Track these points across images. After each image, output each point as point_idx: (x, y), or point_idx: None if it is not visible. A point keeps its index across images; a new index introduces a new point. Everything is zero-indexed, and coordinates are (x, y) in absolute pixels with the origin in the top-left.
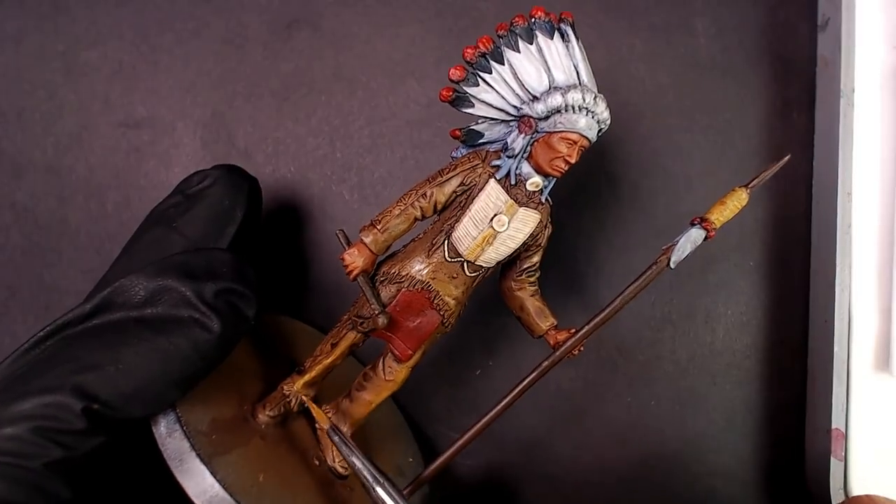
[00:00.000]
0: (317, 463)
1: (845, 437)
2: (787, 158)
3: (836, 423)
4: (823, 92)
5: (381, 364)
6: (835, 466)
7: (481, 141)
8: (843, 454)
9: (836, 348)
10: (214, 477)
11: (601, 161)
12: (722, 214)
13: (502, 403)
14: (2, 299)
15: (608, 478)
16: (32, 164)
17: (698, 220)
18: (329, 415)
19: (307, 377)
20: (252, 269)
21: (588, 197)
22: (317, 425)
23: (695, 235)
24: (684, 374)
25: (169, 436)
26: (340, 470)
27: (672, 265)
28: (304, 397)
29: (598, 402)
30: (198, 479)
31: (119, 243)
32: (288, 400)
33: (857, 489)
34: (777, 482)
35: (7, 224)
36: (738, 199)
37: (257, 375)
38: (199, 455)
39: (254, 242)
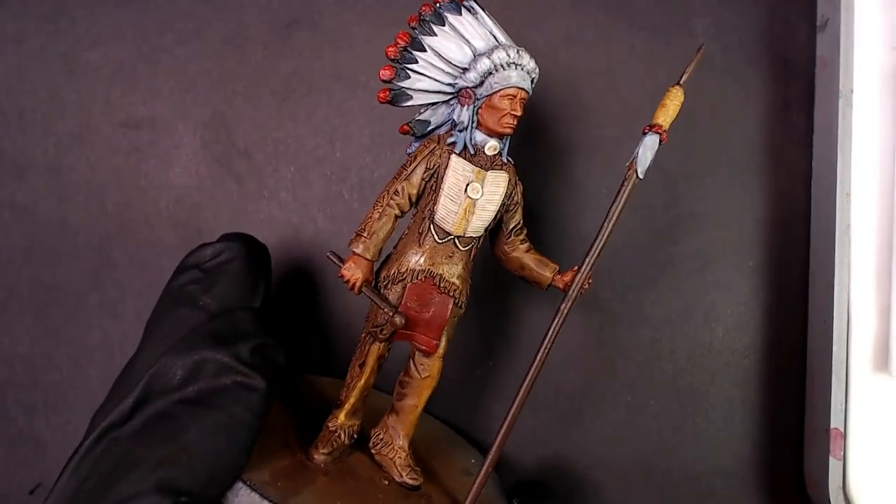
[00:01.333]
0: (386, 483)
1: (844, 436)
2: (702, 46)
3: (835, 422)
4: (822, 92)
5: (412, 366)
6: (833, 466)
7: (430, 129)
8: (842, 454)
9: (834, 348)
10: None
11: (600, 161)
12: (667, 115)
13: (537, 359)
14: (2, 299)
15: (608, 477)
16: (33, 164)
17: (647, 127)
18: (380, 435)
19: (347, 406)
20: (271, 318)
21: (588, 197)
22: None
23: (650, 142)
24: (683, 374)
25: (235, 496)
26: (410, 482)
27: (640, 175)
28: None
29: (597, 403)
30: None
31: (119, 243)
32: (337, 435)
33: (855, 489)
34: (776, 482)
35: (7, 224)
36: (676, 98)
37: (297, 428)
38: (272, 502)
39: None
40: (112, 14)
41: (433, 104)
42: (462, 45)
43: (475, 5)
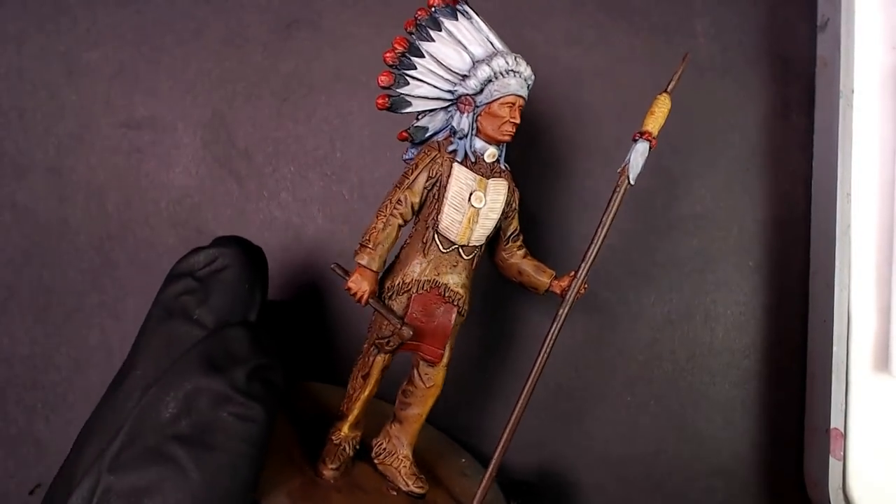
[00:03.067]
0: (394, 493)
1: (844, 436)
2: (687, 55)
3: (835, 422)
4: (823, 92)
5: (416, 375)
6: (833, 466)
7: (428, 135)
8: (842, 454)
9: (835, 348)
10: None
11: (601, 161)
12: (656, 122)
13: (537, 364)
14: (2, 299)
15: (608, 477)
16: (34, 165)
17: (638, 134)
18: (382, 445)
19: (351, 418)
20: (266, 333)
21: (587, 197)
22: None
23: (641, 148)
24: (683, 374)
25: None
26: (417, 490)
27: (632, 181)
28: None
29: (597, 403)
30: None
31: (119, 243)
32: (342, 448)
33: (855, 489)
34: (776, 482)
35: (7, 224)
36: (664, 105)
37: (300, 440)
38: None
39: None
40: (112, 14)
41: (431, 111)
42: (461, 52)
43: (469, 10)
